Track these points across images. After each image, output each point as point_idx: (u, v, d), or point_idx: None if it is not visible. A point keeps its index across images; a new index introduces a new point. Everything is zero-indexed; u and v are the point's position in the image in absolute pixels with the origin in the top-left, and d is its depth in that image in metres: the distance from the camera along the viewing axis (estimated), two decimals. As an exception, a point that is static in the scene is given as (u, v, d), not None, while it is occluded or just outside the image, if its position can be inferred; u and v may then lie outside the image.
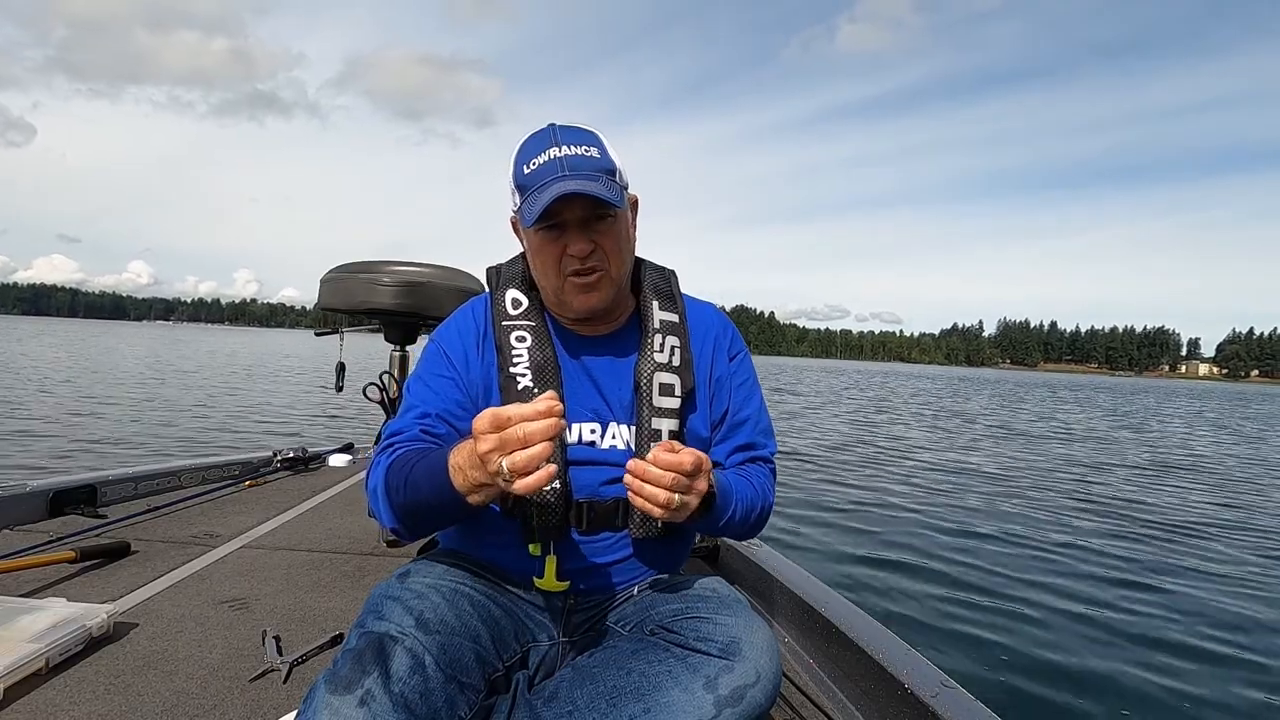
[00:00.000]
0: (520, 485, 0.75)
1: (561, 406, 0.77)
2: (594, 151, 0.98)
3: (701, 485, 0.90)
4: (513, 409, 0.76)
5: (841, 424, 12.64)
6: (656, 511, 0.86)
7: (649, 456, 0.86)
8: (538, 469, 0.75)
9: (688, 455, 0.86)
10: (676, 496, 0.85)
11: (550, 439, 0.76)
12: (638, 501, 0.86)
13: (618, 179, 1.00)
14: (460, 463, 0.82)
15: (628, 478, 0.86)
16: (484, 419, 0.77)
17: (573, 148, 0.97)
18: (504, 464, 0.75)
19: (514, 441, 0.75)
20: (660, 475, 0.84)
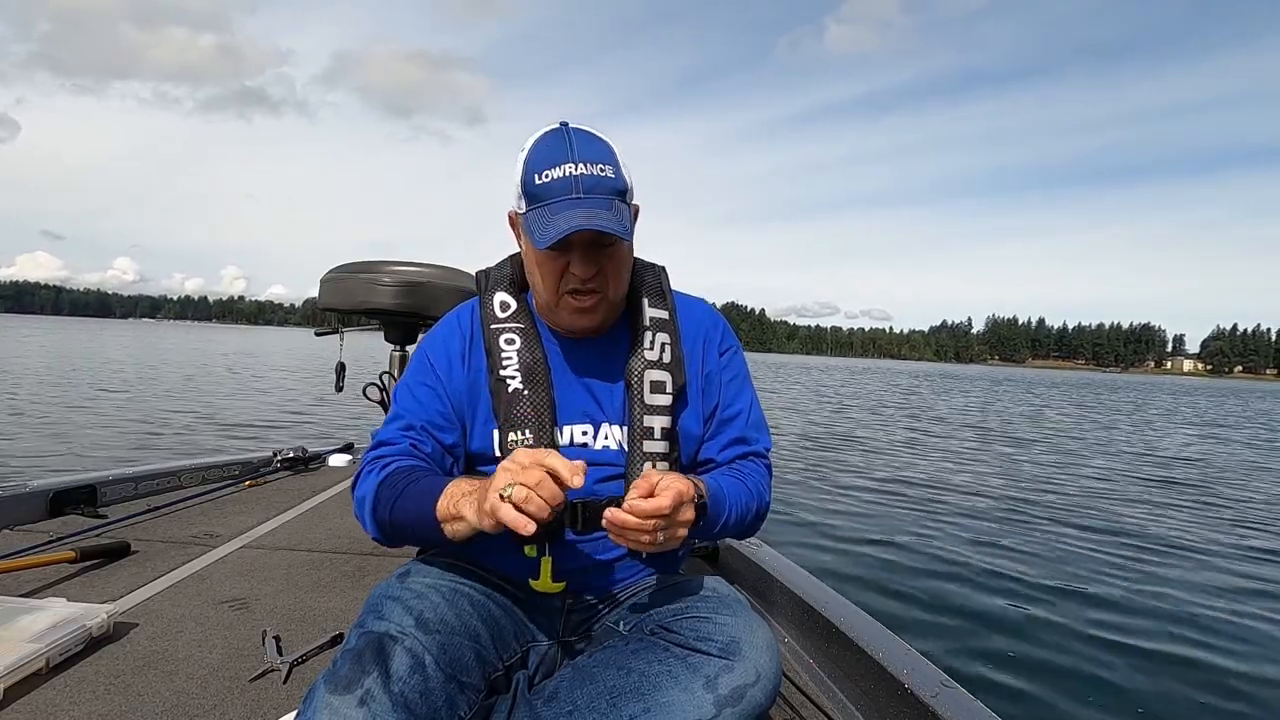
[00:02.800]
0: (504, 513, 0.78)
1: (583, 479, 0.81)
2: (608, 170, 0.96)
3: (688, 515, 0.89)
4: (561, 463, 0.81)
5: (826, 421, 12.64)
6: (645, 548, 0.87)
7: (625, 507, 0.84)
8: (531, 512, 0.79)
9: (665, 497, 0.84)
10: (661, 535, 0.85)
11: (558, 503, 0.81)
12: (624, 544, 0.88)
13: (627, 198, 0.99)
14: (454, 492, 0.87)
15: (608, 526, 0.86)
16: (525, 453, 0.84)
17: (588, 165, 0.94)
18: (511, 491, 0.79)
19: (533, 478, 0.80)
20: (640, 524, 0.84)
